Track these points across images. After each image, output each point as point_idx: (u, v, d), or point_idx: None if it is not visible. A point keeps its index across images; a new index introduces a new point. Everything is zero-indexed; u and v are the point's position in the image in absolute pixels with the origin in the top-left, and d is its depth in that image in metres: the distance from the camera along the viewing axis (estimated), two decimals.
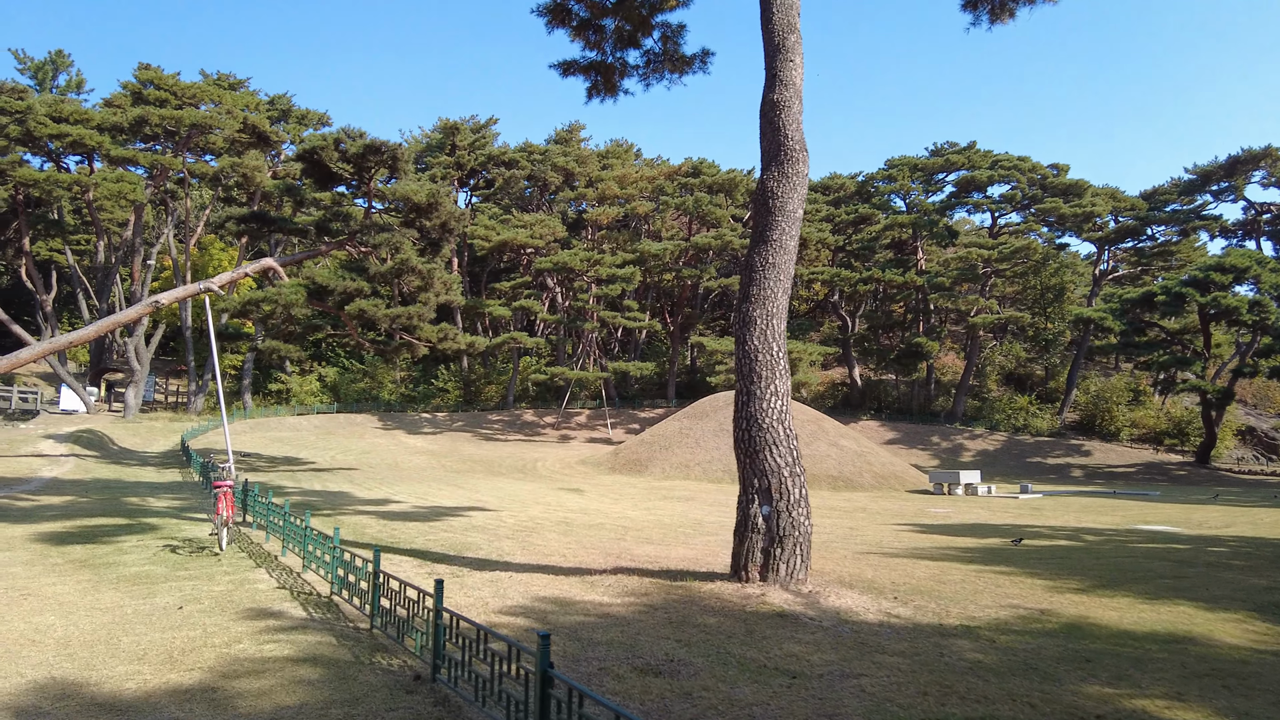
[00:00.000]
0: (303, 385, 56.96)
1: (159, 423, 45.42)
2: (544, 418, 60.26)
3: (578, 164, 59.94)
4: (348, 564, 7.69)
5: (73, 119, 45.59)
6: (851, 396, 65.41)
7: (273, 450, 38.45)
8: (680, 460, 37.00)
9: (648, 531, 15.72)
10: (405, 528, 14.72)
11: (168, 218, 53.78)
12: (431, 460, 40.08)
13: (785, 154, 9.83)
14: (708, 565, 10.56)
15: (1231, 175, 54.71)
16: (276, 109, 56.60)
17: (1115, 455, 56.62)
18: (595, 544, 13.14)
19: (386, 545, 12.19)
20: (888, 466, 37.61)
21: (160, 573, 9.22)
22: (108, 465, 27.72)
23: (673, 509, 21.83)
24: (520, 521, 16.83)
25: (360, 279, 27.72)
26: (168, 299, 26.93)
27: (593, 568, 10.20)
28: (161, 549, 10.96)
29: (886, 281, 57.18)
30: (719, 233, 52.63)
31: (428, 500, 21.59)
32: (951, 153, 62.69)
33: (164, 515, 15.32)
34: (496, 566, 10.32)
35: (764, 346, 9.15)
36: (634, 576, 9.33)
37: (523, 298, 55.11)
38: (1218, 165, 55.23)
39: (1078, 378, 63.19)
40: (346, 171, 29.72)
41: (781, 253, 9.51)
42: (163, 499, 18.68)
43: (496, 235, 52.66)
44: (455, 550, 11.82)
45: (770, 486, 8.68)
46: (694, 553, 12.20)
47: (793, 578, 8.60)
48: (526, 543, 13.02)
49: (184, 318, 52.59)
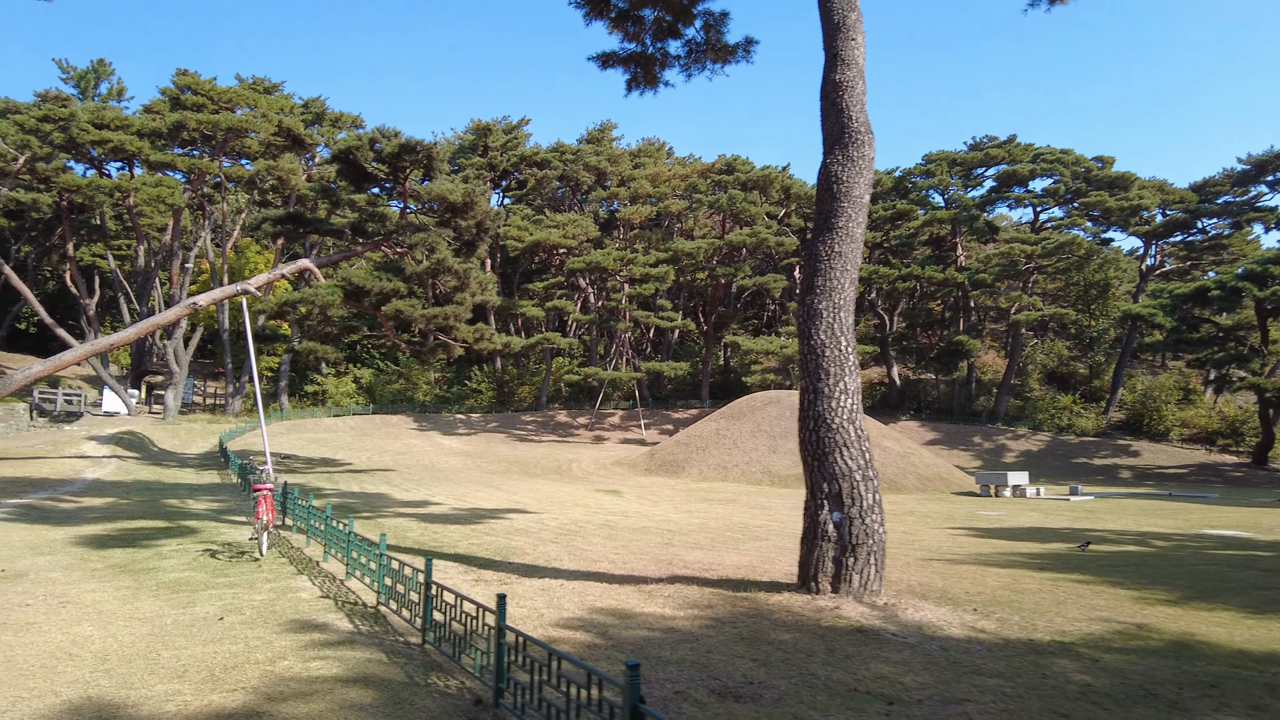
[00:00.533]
0: (338, 387, 57.26)
1: (197, 424, 45.81)
2: (577, 418, 59.95)
3: (610, 163, 59.54)
4: (395, 573, 7.25)
5: (114, 125, 46.22)
6: (890, 396, 64.20)
7: (309, 451, 38.51)
8: (717, 462, 36.37)
9: (694, 536, 15.18)
10: (447, 531, 14.34)
11: (205, 221, 54.36)
12: (467, 461, 39.90)
13: (849, 136, 9.24)
14: (766, 574, 9.99)
15: None
16: (310, 112, 56.96)
17: (1165, 456, 54.86)
18: (643, 549, 12.63)
19: (429, 549, 11.80)
20: (932, 468, 36.64)
21: (200, 579, 8.88)
22: (148, 467, 27.81)
23: (715, 512, 21.25)
24: (562, 524, 16.38)
25: (396, 279, 27.52)
26: (206, 301, 26.95)
27: (647, 575, 9.69)
28: (201, 554, 10.65)
29: (926, 278, 55.97)
30: (754, 230, 51.91)
31: (466, 502, 21.25)
32: (991, 147, 61.25)
33: (203, 518, 15.10)
34: (545, 573, 9.85)
35: (831, 341, 8.57)
36: (693, 586, 8.80)
37: (556, 298, 54.84)
38: (1273, 154, 53.22)
39: (1124, 376, 61.40)
40: (381, 172, 29.60)
41: (848, 241, 8.92)
42: (202, 501, 18.53)
43: (529, 236, 52.44)
44: (500, 555, 11.38)
45: (841, 491, 8.10)
46: (748, 560, 11.63)
47: (866, 589, 8.01)
48: (572, 547, 12.55)
49: (221, 320, 53.08)
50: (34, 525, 13.24)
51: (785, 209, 59.56)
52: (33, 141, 42.66)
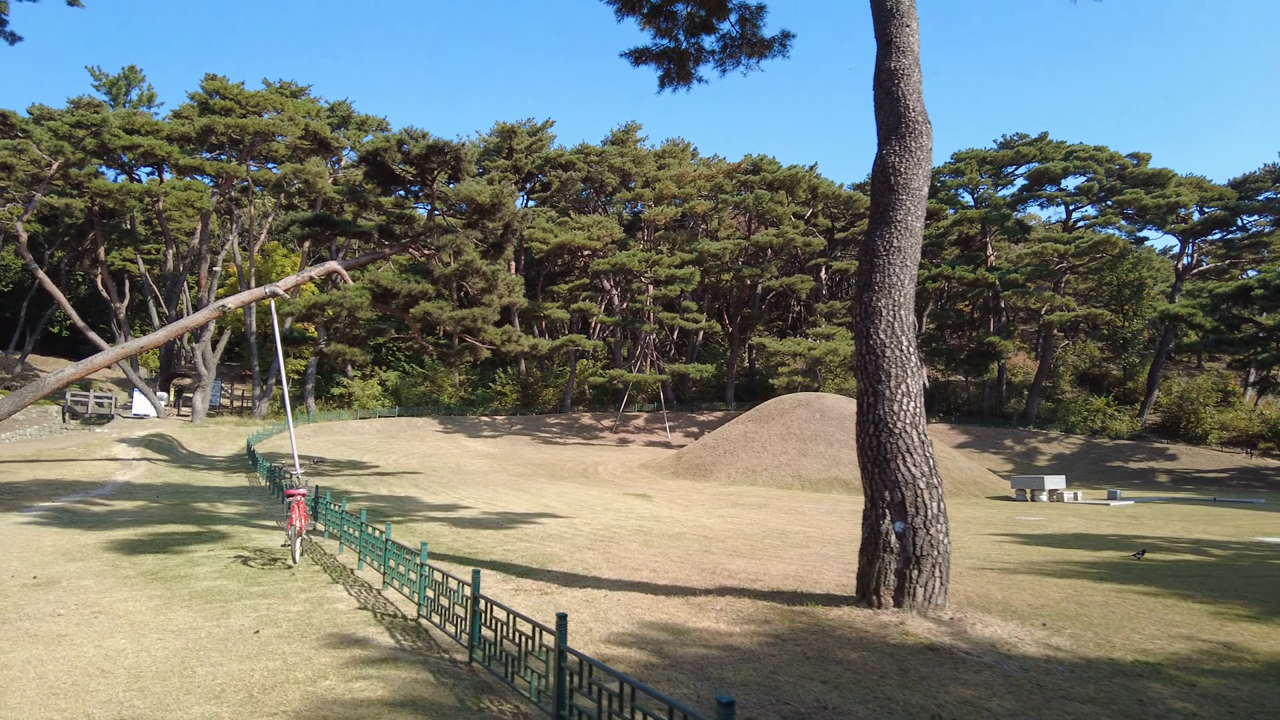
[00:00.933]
0: (365, 389, 57.39)
1: (225, 427, 46.04)
2: (601, 421, 59.65)
3: (634, 164, 59.23)
4: (439, 585, 6.91)
5: (144, 130, 46.65)
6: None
7: (336, 454, 38.50)
8: (746, 465, 35.87)
9: (732, 543, 14.75)
10: (480, 536, 14.02)
11: (232, 225, 54.73)
12: (493, 464, 39.70)
13: (906, 126, 8.79)
14: (817, 585, 9.56)
15: None
16: (336, 115, 57.20)
17: (1204, 460, 53.53)
18: (682, 557, 12.23)
19: (465, 556, 11.48)
20: (965, 472, 35.90)
21: (233, 588, 8.60)
22: (177, 469, 27.84)
23: (749, 517, 20.80)
24: (595, 530, 16.02)
25: (424, 281, 27.35)
26: (234, 303, 26.93)
27: (693, 586, 9.29)
28: (233, 560, 10.40)
29: (957, 278, 55.05)
30: (780, 230, 51.35)
31: (496, 506, 20.97)
32: (1022, 144, 60.24)
33: (233, 522, 14.91)
34: (586, 583, 9.49)
35: (891, 341, 8.13)
36: (745, 599, 8.38)
37: (580, 300, 54.58)
38: None
39: (1159, 378, 60.07)
40: (409, 174, 29.46)
41: (907, 235, 8.47)
42: (231, 505, 18.39)
43: (554, 237, 52.27)
44: (538, 563, 11.03)
45: (904, 500, 7.65)
46: (793, 568, 11.19)
47: (931, 603, 7.56)
48: (609, 554, 12.18)
49: (248, 323, 53.40)
50: (66, 529, 13.10)
51: (812, 209, 58.94)
52: (66, 147, 43.13)
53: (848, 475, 33.82)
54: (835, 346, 49.04)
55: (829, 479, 33.66)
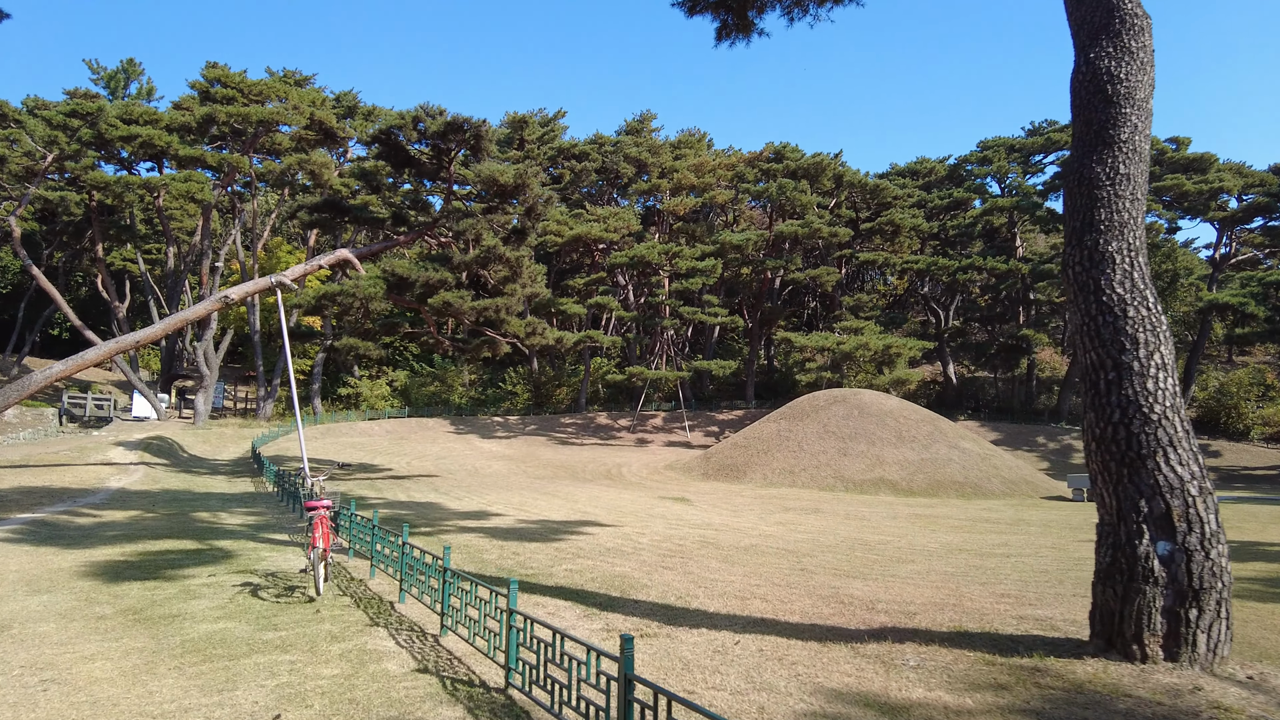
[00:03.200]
0: (373, 389, 55.34)
1: (229, 429, 43.98)
2: (618, 420, 57.53)
3: (650, 154, 57.04)
4: (546, 648, 4.76)
5: (142, 120, 44.63)
6: (946, 395, 61.05)
7: (346, 456, 36.41)
8: (783, 465, 33.70)
9: (821, 557, 12.61)
10: (526, 551, 11.91)
11: (235, 221, 52.71)
12: (511, 466, 37.61)
13: (1121, 21, 6.66)
14: (996, 618, 7.41)
15: None
16: (343, 106, 55.14)
17: (1249, 456, 51.28)
18: (782, 578, 10.10)
19: (522, 578, 9.36)
20: (1015, 470, 33.72)
21: (241, 635, 6.48)
22: (177, 474, 25.76)
23: (811, 524, 18.65)
24: (655, 542, 13.90)
25: (443, 269, 25.23)
26: (237, 294, 24.86)
27: (838, 624, 7.15)
28: (240, 590, 8.28)
29: (989, 269, 52.80)
30: (805, 220, 49.15)
31: (529, 512, 18.85)
32: (1052, 131, 58.00)
33: (239, 536, 12.80)
34: (693, 619, 7.36)
35: (1133, 295, 5.99)
36: (931, 645, 6.23)
37: (597, 294, 52.40)
38: None
39: (1195, 372, 57.84)
40: (424, 156, 27.39)
41: (1135, 160, 6.34)
42: (235, 514, 16.28)
43: (569, 230, 50.15)
44: (615, 588, 8.89)
45: (1170, 511, 5.51)
46: (933, 593, 9.05)
47: (1216, 654, 5.42)
48: (693, 575, 10.06)
49: (252, 322, 51.40)
50: (40, 548, 10.99)
51: (835, 199, 56.73)
52: (60, 138, 41.11)
53: (893, 476, 31.67)
54: (865, 340, 46.82)
55: (873, 480, 31.49)
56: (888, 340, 47.60)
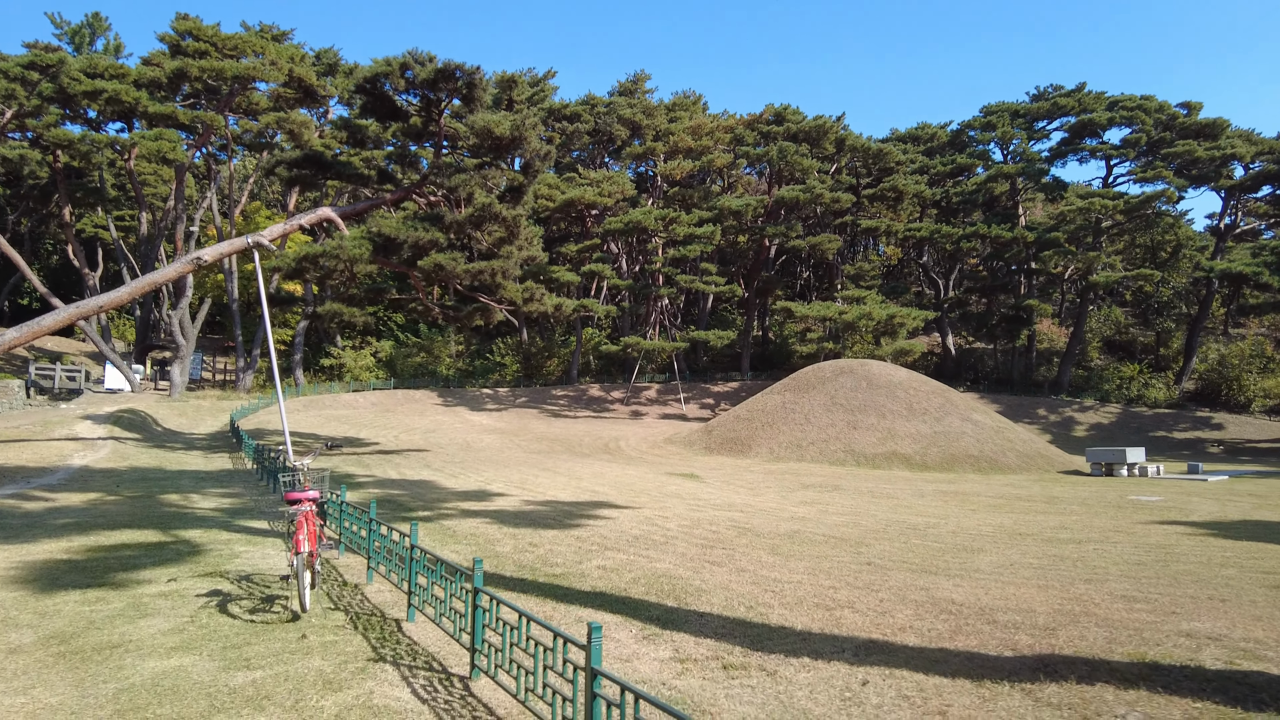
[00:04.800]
0: (357, 360, 53.37)
1: (206, 401, 42.02)
2: (611, 393, 55.97)
3: (645, 116, 54.79)
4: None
5: (108, 75, 41.93)
6: (944, 367, 59.84)
7: (330, 430, 34.65)
8: (790, 439, 32.29)
9: (878, 546, 11.11)
10: (543, 541, 10.32)
11: (210, 184, 50.18)
12: (504, 440, 36.00)
13: None
14: (1158, 637, 5.91)
15: None
16: (323, 63, 52.52)
17: (1252, 428, 50.61)
18: (850, 575, 8.59)
19: (549, 579, 7.79)
20: (1029, 444, 32.52)
21: (199, 678, 4.82)
22: (149, 450, 23.95)
23: (843, 505, 17.20)
24: (684, 528, 12.37)
25: (434, 229, 23.34)
26: (211, 255, 22.89)
27: (975, 649, 5.61)
28: (205, 603, 6.61)
29: (993, 238, 51.29)
30: (807, 186, 47.33)
31: (533, 491, 17.28)
32: (1058, 96, 56.30)
33: (210, 524, 11.12)
34: (783, 641, 5.82)
35: None
36: (1137, 692, 4.70)
37: (590, 262, 50.45)
38: None
39: (1197, 343, 57.03)
40: (413, 107, 25.39)
41: None
42: (210, 496, 14.57)
43: (561, 194, 48.07)
44: (669, 594, 7.32)
45: None
46: (1049, 598, 7.56)
47: None
48: (747, 573, 8.52)
49: (230, 290, 49.13)
50: None
51: (836, 164, 54.86)
52: (19, 91, 38.43)
53: (906, 450, 30.35)
54: (868, 310, 45.30)
55: (886, 454, 30.16)
56: (891, 310, 46.15)
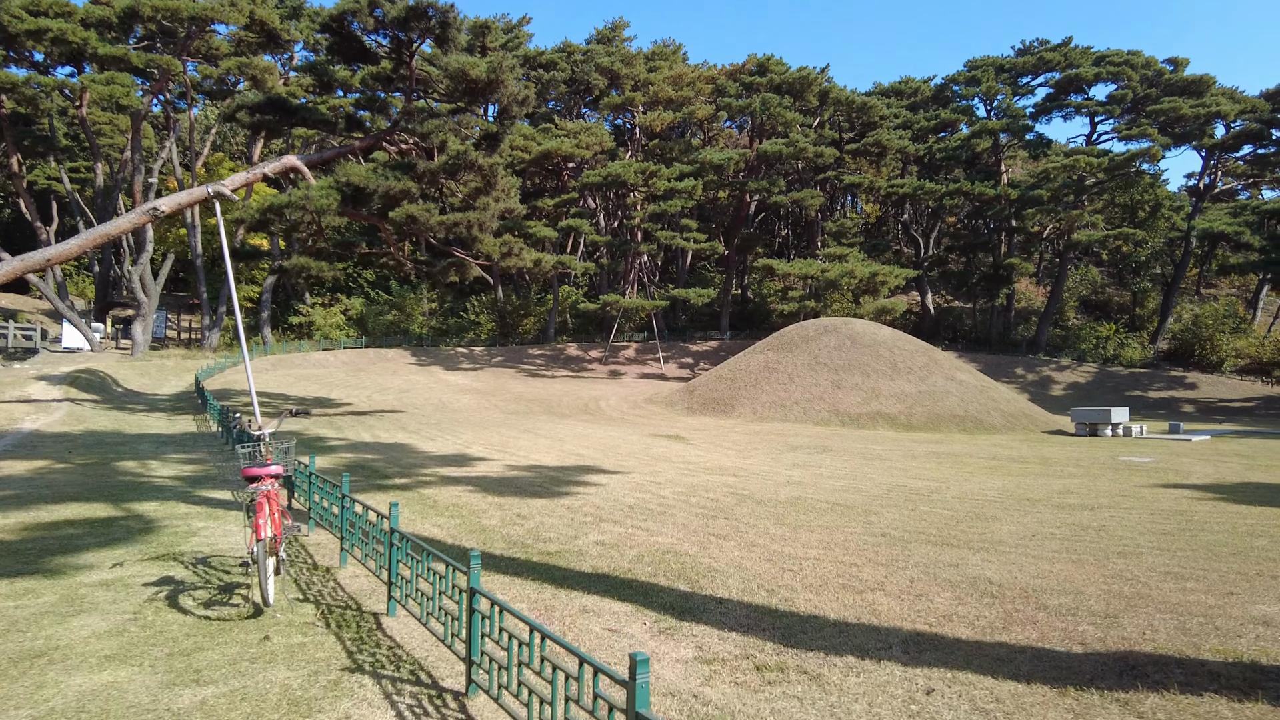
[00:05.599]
0: (326, 318, 51.87)
1: (170, 361, 40.52)
2: (589, 352, 55.11)
3: (624, 65, 52.94)
4: None
5: (52, 12, 39.43)
6: (923, 326, 59.61)
7: (300, 390, 33.53)
8: (773, 399, 31.76)
9: (885, 514, 10.50)
10: (531, 511, 9.57)
11: (170, 134, 47.88)
12: (480, 400, 35.12)
13: None
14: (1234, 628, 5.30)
15: None
16: (287, 5, 49.96)
17: (1225, 388, 51.11)
18: (869, 550, 7.94)
19: (544, 559, 7.04)
20: (1013, 404, 32.29)
21: (138, 696, 3.99)
22: (107, 412, 22.77)
23: (836, 467, 16.62)
24: (678, 494, 11.68)
25: (406, 179, 22.11)
26: (168, 205, 21.50)
27: (1038, 644, 4.95)
28: (153, 594, 5.75)
29: (976, 195, 50.65)
30: (790, 139, 46.19)
31: (515, 454, 16.50)
32: (1044, 51, 55.33)
33: (167, 495, 10.21)
34: (819, 634, 5.14)
35: None
36: (1256, 705, 4.04)
37: (568, 217, 49.09)
38: None
39: (1173, 303, 57.33)
40: (382, 50, 23.93)
41: None
42: (169, 462, 13.62)
43: (538, 146, 46.48)
44: (679, 576, 6.60)
45: None
46: (1090, 576, 6.95)
47: None
48: (757, 547, 7.84)
49: (193, 245, 47.26)
50: None
51: (819, 118, 53.64)
52: None
53: (891, 409, 29.96)
54: (850, 268, 44.64)
55: (870, 414, 29.75)
56: (873, 268, 45.54)
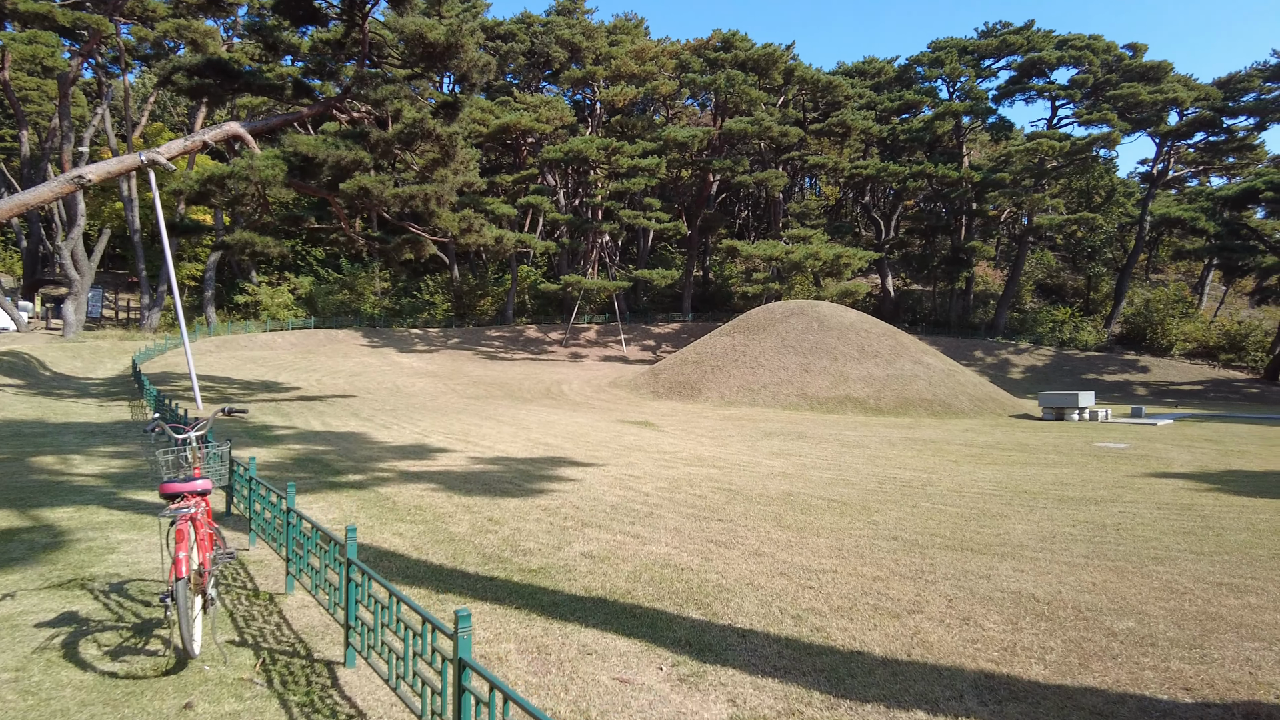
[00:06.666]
0: (274, 297, 49.69)
1: (106, 342, 38.25)
2: (549, 334, 53.90)
3: (585, 37, 51.38)
4: None
5: None
6: (883, 308, 59.59)
7: (246, 373, 31.84)
8: (740, 383, 31.07)
9: (886, 512, 9.75)
10: (504, 514, 8.58)
11: (103, 101, 45.05)
12: (437, 384, 33.80)
13: None
14: None
15: None
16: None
17: (1175, 372, 52.09)
18: (884, 558, 7.14)
19: (526, 578, 6.07)
20: (979, 387, 32.12)
21: None
22: (31, 398, 21.04)
23: (817, 457, 15.91)
24: (660, 490, 10.80)
25: (358, 148, 20.68)
26: (97, 173, 19.77)
27: (1132, 689, 4.17)
28: (48, 639, 4.63)
29: (940, 177, 50.46)
30: (756, 118, 45.30)
31: (479, 444, 15.44)
32: (1007, 33, 55.26)
33: (88, 498, 8.97)
34: (870, 682, 4.30)
35: None
36: None
37: (527, 193, 47.60)
38: None
39: (1126, 288, 58.25)
40: (333, 10, 22.36)
41: None
42: (95, 457, 12.27)
43: (496, 119, 44.83)
44: (686, 598, 5.70)
45: None
46: (1140, 590, 6.24)
47: None
48: (764, 558, 7.00)
49: (130, 219, 44.66)
50: None
51: (784, 96, 52.83)
52: None
53: (860, 394, 29.50)
54: (815, 250, 44.10)
55: (839, 398, 29.25)
56: (837, 250, 45.09)
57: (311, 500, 9.14)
